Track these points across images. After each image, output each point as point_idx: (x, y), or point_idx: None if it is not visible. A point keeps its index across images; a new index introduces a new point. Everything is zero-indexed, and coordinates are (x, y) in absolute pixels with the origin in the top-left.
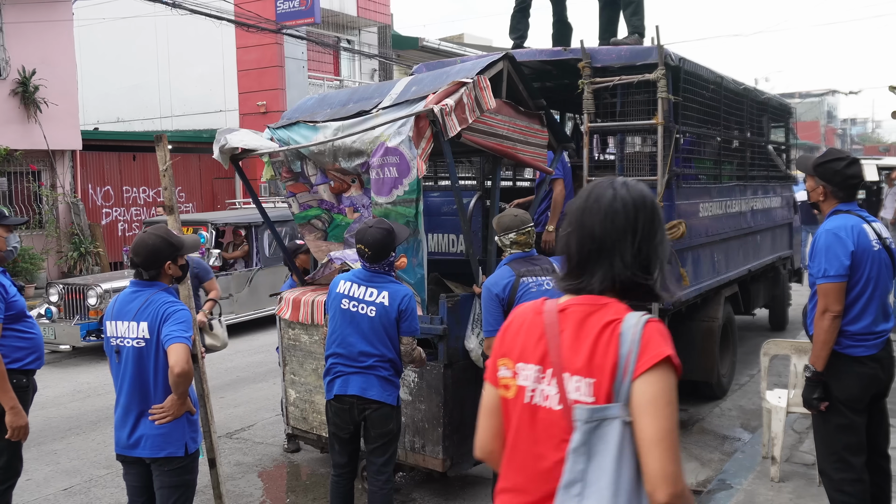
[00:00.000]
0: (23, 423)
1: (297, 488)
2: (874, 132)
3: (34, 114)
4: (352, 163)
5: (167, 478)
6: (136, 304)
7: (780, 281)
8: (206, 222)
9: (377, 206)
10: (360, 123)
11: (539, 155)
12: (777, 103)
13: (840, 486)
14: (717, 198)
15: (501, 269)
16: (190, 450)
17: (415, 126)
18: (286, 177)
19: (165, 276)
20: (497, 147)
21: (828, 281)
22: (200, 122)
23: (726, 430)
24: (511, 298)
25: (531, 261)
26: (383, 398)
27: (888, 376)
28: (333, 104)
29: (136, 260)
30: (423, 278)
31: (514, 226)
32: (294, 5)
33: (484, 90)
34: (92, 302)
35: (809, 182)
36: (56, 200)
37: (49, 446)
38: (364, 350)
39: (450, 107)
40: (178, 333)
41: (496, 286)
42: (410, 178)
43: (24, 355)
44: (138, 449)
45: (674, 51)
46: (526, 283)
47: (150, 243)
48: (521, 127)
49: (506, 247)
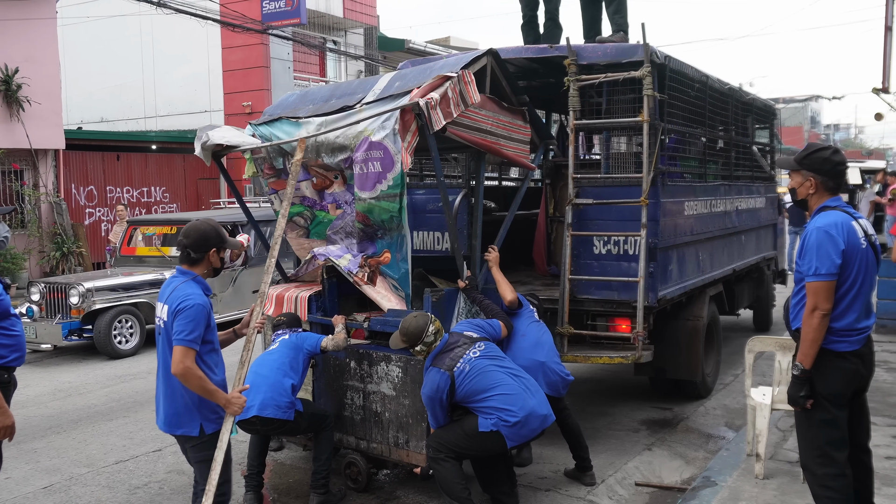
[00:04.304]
0: (9, 422)
1: (280, 486)
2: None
3: (17, 112)
4: (335, 158)
5: (191, 453)
6: (169, 290)
7: (764, 282)
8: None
9: (360, 202)
10: (343, 119)
11: (522, 151)
12: (761, 104)
13: (823, 481)
14: (702, 197)
15: (432, 374)
16: (206, 430)
17: (400, 119)
18: (268, 173)
19: (208, 262)
20: (481, 142)
21: (819, 279)
22: (185, 123)
23: (711, 428)
24: (454, 392)
25: (448, 349)
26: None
27: (868, 371)
28: (316, 100)
29: (185, 241)
30: (407, 273)
31: (425, 322)
32: (280, 6)
33: (469, 84)
34: (74, 301)
35: (796, 178)
36: (38, 200)
37: (29, 445)
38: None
39: (435, 100)
40: (180, 335)
41: (438, 391)
42: (394, 172)
43: (7, 353)
44: (161, 423)
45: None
46: (459, 369)
47: (201, 228)
48: (505, 122)
49: (431, 345)
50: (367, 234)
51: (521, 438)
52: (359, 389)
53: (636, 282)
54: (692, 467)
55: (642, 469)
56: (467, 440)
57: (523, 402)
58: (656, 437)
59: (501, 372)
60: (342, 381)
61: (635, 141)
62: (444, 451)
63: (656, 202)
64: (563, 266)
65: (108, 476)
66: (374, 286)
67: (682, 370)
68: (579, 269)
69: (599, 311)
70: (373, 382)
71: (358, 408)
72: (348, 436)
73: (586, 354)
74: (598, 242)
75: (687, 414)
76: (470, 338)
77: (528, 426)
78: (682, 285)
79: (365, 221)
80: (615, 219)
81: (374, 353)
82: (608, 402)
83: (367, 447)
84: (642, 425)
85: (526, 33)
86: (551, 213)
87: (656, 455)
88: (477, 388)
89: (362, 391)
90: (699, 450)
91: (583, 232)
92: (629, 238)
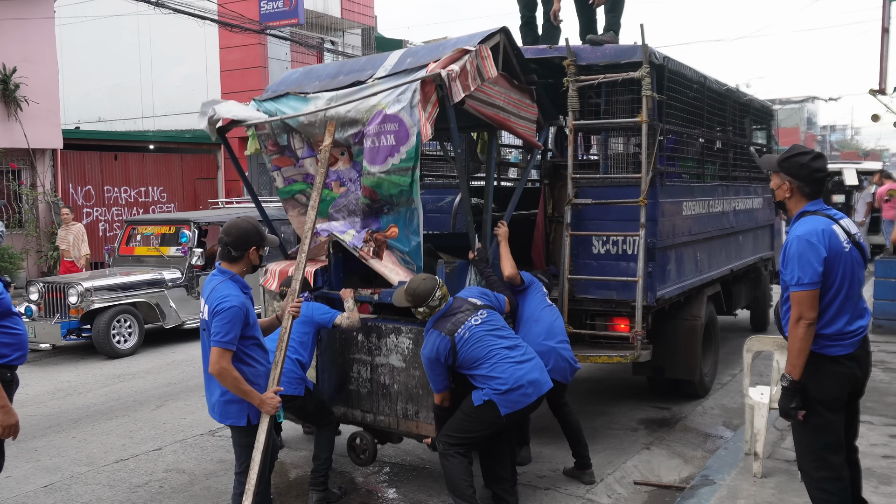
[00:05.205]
0: (13, 421)
1: (280, 485)
2: (853, 139)
3: (15, 112)
4: (344, 133)
5: (235, 438)
6: (209, 288)
7: (761, 282)
8: (189, 221)
9: (369, 176)
10: (355, 93)
11: (529, 129)
12: (759, 105)
13: (820, 484)
14: (700, 197)
15: (432, 336)
16: (253, 420)
17: (421, 90)
18: (271, 150)
19: (247, 260)
20: (494, 117)
21: (802, 289)
22: (183, 123)
23: (709, 427)
24: (454, 357)
25: (450, 313)
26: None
27: (864, 374)
28: (322, 77)
29: (226, 239)
30: (418, 245)
31: (433, 286)
32: (278, 6)
33: (485, 59)
34: (72, 301)
35: (775, 179)
36: (36, 199)
37: (29, 444)
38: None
39: (455, 72)
40: (216, 337)
41: (438, 353)
42: (409, 145)
43: (9, 352)
44: (212, 412)
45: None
46: (460, 335)
47: (242, 227)
48: (515, 100)
49: (435, 309)
50: (373, 209)
51: (514, 405)
52: (366, 363)
53: (635, 281)
54: (690, 466)
55: (641, 468)
56: (468, 420)
57: (514, 370)
58: (655, 437)
59: (499, 342)
60: (348, 355)
61: (634, 141)
62: (453, 444)
63: (655, 202)
64: (562, 266)
65: (108, 475)
66: (380, 260)
67: (680, 370)
68: (578, 268)
69: (598, 311)
70: (381, 355)
71: (365, 381)
72: (353, 409)
73: (585, 354)
74: (596, 242)
75: (685, 413)
76: (474, 305)
77: (519, 391)
78: (680, 285)
79: (372, 196)
80: (614, 219)
81: (382, 325)
82: (607, 401)
83: (374, 420)
84: (641, 424)
85: (524, 34)
86: (550, 214)
87: (655, 454)
88: (474, 356)
89: (370, 364)
90: (697, 449)
91: (581, 232)
92: (628, 238)
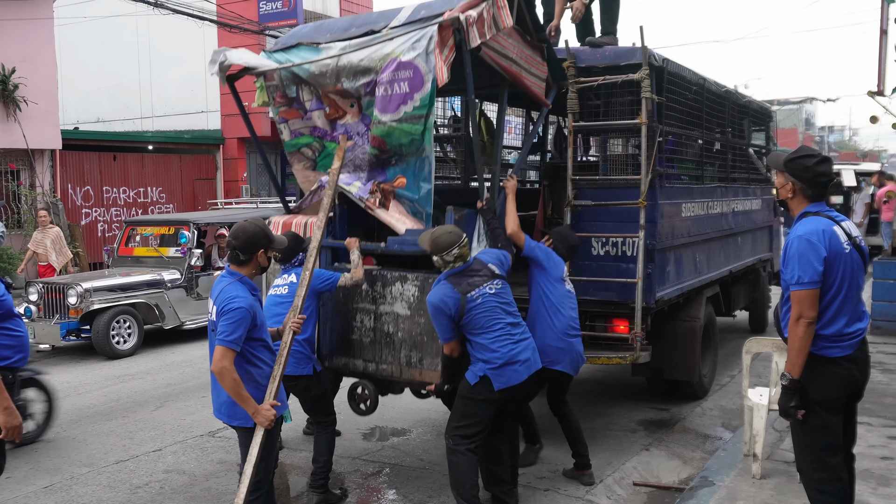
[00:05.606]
0: (17, 422)
1: (279, 486)
2: (851, 140)
3: (13, 112)
4: (356, 82)
5: (243, 440)
6: (217, 289)
7: (760, 283)
8: (188, 222)
9: (379, 125)
10: (370, 42)
11: (539, 87)
12: (758, 106)
13: (818, 485)
14: (699, 198)
15: (443, 287)
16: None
17: (438, 35)
18: (279, 101)
19: (256, 263)
20: (508, 68)
21: (802, 288)
22: (182, 123)
23: (708, 429)
24: (461, 315)
25: (468, 273)
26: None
27: (863, 376)
28: (333, 30)
29: (234, 243)
30: (429, 193)
31: (454, 241)
32: (277, 6)
33: (501, 9)
34: (72, 301)
35: (779, 178)
36: (35, 200)
37: (29, 445)
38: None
39: (473, 18)
40: (221, 335)
41: (445, 305)
42: (423, 92)
43: (11, 353)
44: (218, 413)
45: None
46: (472, 297)
47: (249, 230)
48: (527, 55)
49: (448, 263)
50: (380, 160)
51: (507, 381)
52: (370, 311)
53: (634, 283)
54: (690, 467)
55: (640, 469)
56: (469, 403)
57: (511, 347)
58: (654, 438)
59: (505, 317)
60: (351, 305)
61: (633, 143)
62: (462, 438)
63: (654, 204)
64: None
65: (108, 475)
66: (387, 210)
67: (679, 371)
68: (577, 270)
69: (598, 312)
70: (386, 303)
71: (368, 330)
72: (355, 359)
73: (584, 354)
74: (596, 244)
75: (684, 414)
76: (491, 272)
77: (511, 367)
78: (679, 286)
79: (381, 146)
80: (613, 220)
81: (388, 273)
82: (606, 402)
83: (377, 369)
84: (640, 426)
85: None
86: (549, 215)
87: (654, 455)
88: (480, 323)
89: (373, 313)
90: (696, 450)
91: (581, 233)
92: (627, 239)
